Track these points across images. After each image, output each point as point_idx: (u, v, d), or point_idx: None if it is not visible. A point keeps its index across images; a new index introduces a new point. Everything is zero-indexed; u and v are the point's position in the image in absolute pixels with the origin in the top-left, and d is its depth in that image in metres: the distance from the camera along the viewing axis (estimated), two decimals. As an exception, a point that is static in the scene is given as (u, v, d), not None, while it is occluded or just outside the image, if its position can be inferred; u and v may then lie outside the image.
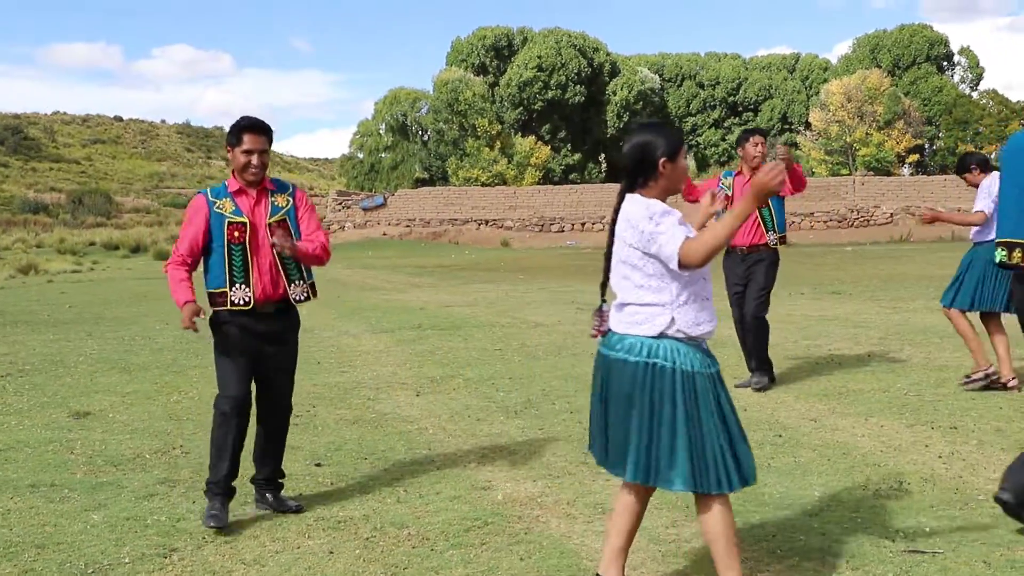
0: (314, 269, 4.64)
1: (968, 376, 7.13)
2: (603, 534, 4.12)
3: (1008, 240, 4.41)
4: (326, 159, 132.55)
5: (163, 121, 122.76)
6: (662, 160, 3.28)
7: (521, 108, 56.86)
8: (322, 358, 9.49)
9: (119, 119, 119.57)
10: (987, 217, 6.99)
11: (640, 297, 3.25)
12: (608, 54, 60.09)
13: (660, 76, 63.56)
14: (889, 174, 48.62)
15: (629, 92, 58.17)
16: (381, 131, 61.57)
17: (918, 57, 57.87)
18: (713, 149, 63.16)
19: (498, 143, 53.17)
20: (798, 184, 7.29)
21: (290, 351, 4.61)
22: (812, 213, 39.95)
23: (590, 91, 57.68)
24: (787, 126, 60.74)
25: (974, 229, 7.24)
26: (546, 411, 6.79)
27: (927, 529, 4.08)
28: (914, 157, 54.16)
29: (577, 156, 57.49)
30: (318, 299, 4.82)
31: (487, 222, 43.43)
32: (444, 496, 4.75)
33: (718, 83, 63.81)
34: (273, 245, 4.36)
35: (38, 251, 33.27)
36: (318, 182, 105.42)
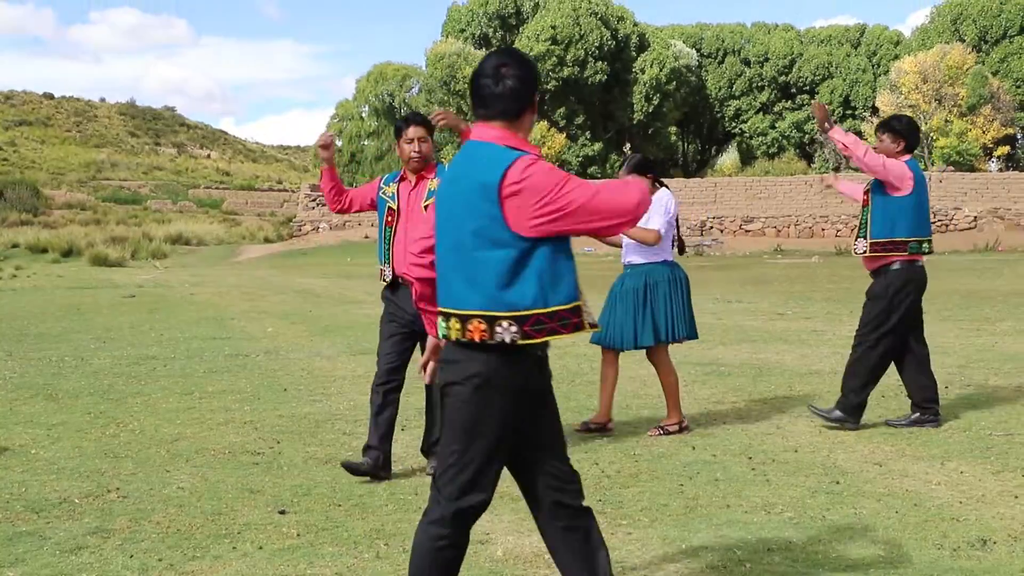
0: (280, 280, 4.60)
1: (661, 426, 7.28)
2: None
3: None
4: (298, 147, 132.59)
5: (102, 100, 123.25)
6: None
7: (531, 88, 56.96)
8: (289, 384, 9.49)
9: (49, 96, 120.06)
10: (661, 237, 7.12)
11: None
12: (635, 24, 60.24)
13: (698, 51, 63.73)
14: (973, 169, 48.57)
15: (660, 70, 58.25)
16: (364, 114, 61.78)
17: (1010, 29, 57.83)
18: (760, 139, 63.20)
19: (503, 129, 53.34)
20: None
21: None
22: (880, 216, 39.88)
23: (614, 68, 57.77)
24: (850, 111, 60.78)
25: (634, 249, 7.30)
26: (557, 451, 6.78)
27: (1015, 597, 4.05)
28: (1003, 150, 53.94)
29: (597, 145, 57.54)
30: (286, 315, 4.81)
31: (489, 224, 43.52)
32: (432, 552, 4.73)
33: (767, 60, 63.91)
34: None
35: (-49, 254, 33.39)
36: (288, 174, 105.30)
